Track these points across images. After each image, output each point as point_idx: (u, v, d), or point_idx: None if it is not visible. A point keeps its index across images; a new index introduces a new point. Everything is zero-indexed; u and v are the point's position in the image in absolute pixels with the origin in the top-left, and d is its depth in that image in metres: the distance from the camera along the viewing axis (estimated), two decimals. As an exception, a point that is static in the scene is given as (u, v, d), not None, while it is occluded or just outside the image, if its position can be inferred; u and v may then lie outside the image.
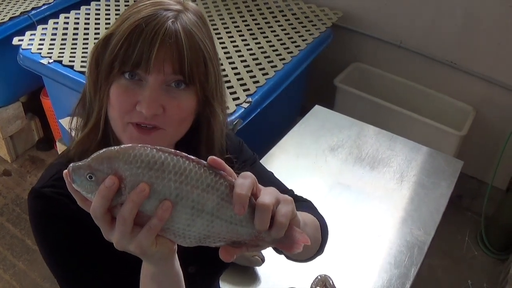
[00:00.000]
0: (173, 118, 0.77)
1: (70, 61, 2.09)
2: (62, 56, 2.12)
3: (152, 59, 0.72)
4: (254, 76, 2.08)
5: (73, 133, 0.87)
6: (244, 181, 0.58)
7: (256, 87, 2.01)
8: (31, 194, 0.83)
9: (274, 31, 2.43)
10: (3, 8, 2.52)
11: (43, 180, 0.84)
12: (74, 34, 2.31)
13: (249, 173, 0.60)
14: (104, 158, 0.57)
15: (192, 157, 0.58)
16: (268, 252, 1.26)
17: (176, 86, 0.76)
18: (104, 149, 0.57)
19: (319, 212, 1.05)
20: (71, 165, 0.57)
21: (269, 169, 1.08)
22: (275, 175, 1.09)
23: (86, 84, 0.82)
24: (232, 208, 0.58)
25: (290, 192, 1.07)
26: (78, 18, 2.43)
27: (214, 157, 0.59)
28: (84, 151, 0.81)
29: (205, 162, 0.59)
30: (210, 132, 0.87)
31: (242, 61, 2.17)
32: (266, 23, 2.49)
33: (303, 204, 1.06)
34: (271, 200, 0.59)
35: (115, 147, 0.57)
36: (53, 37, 2.27)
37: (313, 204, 1.08)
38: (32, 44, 2.20)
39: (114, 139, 0.82)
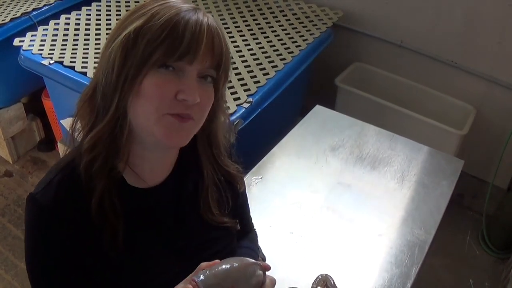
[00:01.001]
0: (204, 109, 0.82)
1: (71, 62, 2.09)
2: (63, 57, 2.12)
3: (201, 50, 0.76)
4: (255, 76, 2.08)
5: (75, 134, 0.87)
6: (271, 286, 0.89)
7: (257, 87, 2.01)
8: (27, 198, 0.85)
9: (275, 31, 2.43)
10: (4, 9, 2.53)
11: (40, 185, 0.85)
12: (75, 35, 2.31)
13: (274, 279, 0.91)
14: (231, 279, 0.81)
15: (258, 262, 0.88)
16: (269, 252, 1.26)
17: (205, 80, 0.81)
18: (226, 267, 0.81)
19: (258, 246, 1.21)
20: (200, 281, 0.77)
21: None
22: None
23: (100, 81, 0.81)
24: None
25: (250, 224, 1.21)
26: (79, 19, 2.43)
27: (265, 263, 0.88)
28: (94, 147, 0.82)
29: (259, 262, 0.88)
30: (217, 124, 0.91)
31: (242, 61, 2.17)
32: (266, 23, 2.49)
33: (249, 238, 1.19)
34: None
35: (235, 265, 0.82)
36: (54, 38, 2.27)
37: (255, 236, 1.22)
38: (33, 45, 2.21)
39: (128, 138, 0.83)
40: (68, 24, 2.39)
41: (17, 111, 2.75)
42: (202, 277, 0.78)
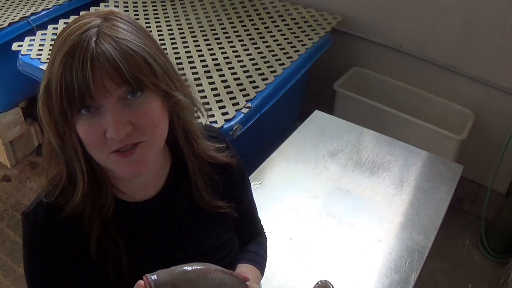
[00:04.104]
0: (146, 128, 0.76)
1: (69, 66, 2.09)
2: (62, 62, 2.12)
3: (91, 86, 0.70)
4: (254, 82, 2.08)
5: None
6: None
7: (256, 92, 2.01)
8: (22, 216, 0.86)
9: (274, 36, 2.43)
10: (2, 14, 2.53)
11: (32, 205, 0.86)
12: (73, 39, 2.31)
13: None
14: (187, 281, 0.76)
15: (231, 271, 0.83)
16: (269, 258, 1.26)
17: (132, 97, 0.75)
18: (185, 268, 0.77)
19: (265, 251, 1.18)
20: (152, 280, 0.73)
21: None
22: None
23: (49, 136, 0.80)
24: None
25: (259, 227, 1.20)
26: (78, 24, 2.43)
27: (245, 274, 0.84)
28: (82, 200, 0.82)
29: (236, 273, 0.83)
30: (184, 122, 0.87)
31: (241, 66, 2.17)
32: (265, 28, 2.49)
33: (257, 242, 1.18)
34: None
35: (194, 268, 0.78)
36: (52, 42, 2.27)
37: (264, 240, 1.20)
38: (31, 49, 2.21)
39: (105, 174, 0.83)
40: (67, 28, 2.38)
41: (15, 115, 2.74)
42: (155, 275, 0.76)
